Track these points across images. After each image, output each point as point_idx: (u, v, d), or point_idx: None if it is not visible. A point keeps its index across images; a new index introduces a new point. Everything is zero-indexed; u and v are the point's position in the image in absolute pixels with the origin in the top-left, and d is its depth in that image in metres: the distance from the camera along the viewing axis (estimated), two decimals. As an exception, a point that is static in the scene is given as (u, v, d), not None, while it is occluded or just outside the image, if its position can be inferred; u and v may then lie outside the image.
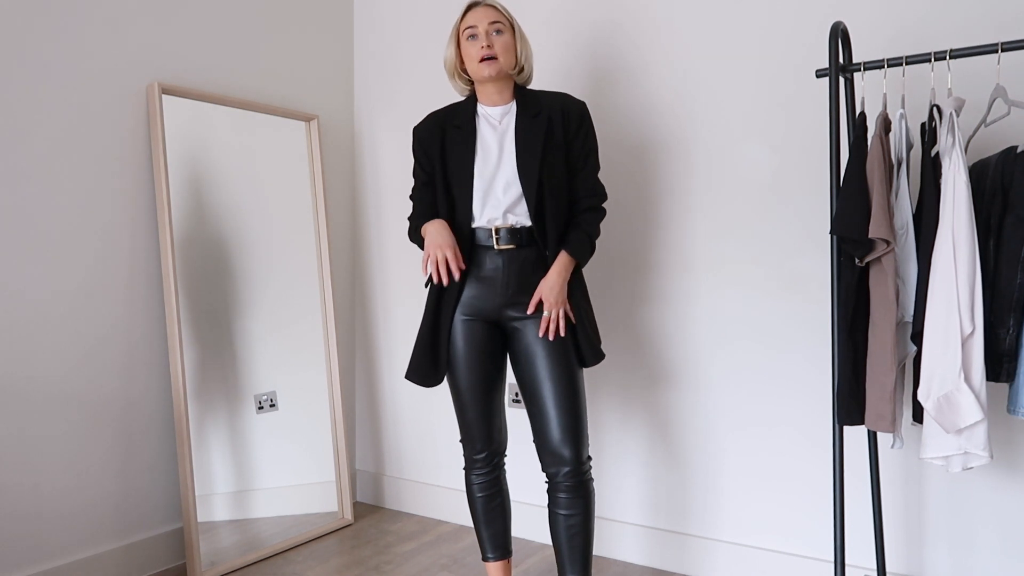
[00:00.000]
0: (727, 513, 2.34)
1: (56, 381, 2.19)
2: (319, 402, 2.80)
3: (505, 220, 1.87)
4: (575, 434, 1.84)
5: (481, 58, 1.87)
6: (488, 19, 1.89)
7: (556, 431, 1.84)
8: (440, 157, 1.94)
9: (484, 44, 1.87)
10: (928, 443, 1.60)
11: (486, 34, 1.88)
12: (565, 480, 1.85)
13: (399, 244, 2.99)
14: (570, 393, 1.85)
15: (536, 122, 1.89)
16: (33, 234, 2.15)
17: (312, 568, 2.47)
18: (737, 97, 2.27)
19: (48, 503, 2.17)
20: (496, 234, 1.86)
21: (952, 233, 1.54)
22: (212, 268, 2.53)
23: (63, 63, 2.20)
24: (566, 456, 1.84)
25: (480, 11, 1.91)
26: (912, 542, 2.08)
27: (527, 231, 1.88)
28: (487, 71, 1.87)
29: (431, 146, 1.95)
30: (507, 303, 1.89)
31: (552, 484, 1.88)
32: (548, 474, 1.88)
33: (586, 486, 1.87)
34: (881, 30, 2.05)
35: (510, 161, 1.88)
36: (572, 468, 1.84)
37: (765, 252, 2.24)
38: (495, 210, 1.87)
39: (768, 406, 2.26)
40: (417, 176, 2.02)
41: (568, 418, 1.84)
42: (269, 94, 2.77)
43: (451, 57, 1.95)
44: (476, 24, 1.89)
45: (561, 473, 1.85)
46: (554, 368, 1.85)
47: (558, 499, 1.87)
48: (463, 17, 1.93)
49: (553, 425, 1.84)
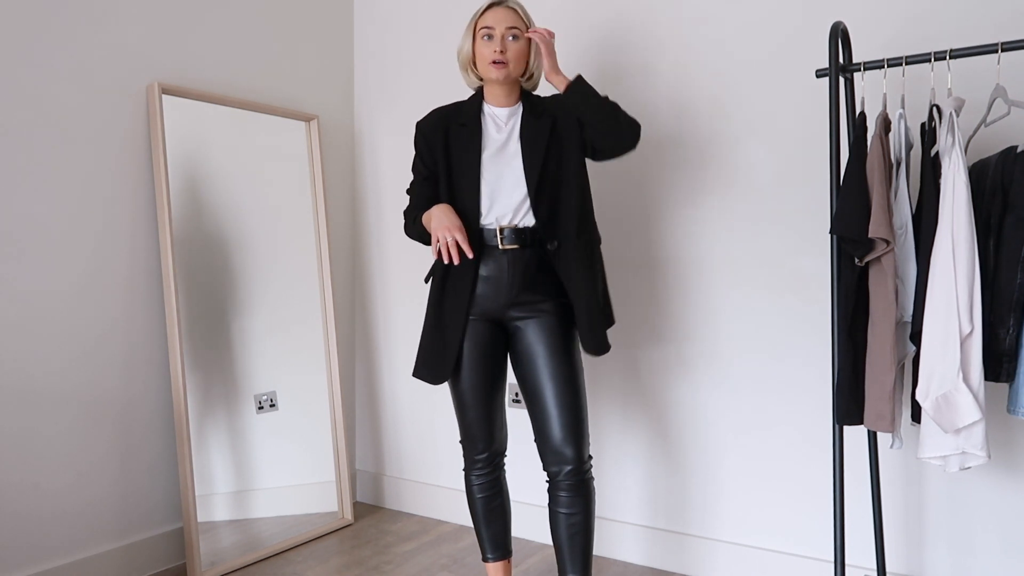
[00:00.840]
0: (727, 513, 2.34)
1: (56, 381, 2.19)
2: (319, 402, 2.81)
3: (511, 220, 1.87)
4: (576, 433, 1.85)
5: (492, 61, 1.87)
6: (507, 23, 1.88)
7: (558, 430, 1.84)
8: (444, 154, 1.93)
9: (498, 48, 1.87)
10: (926, 443, 1.60)
11: (502, 38, 1.88)
12: (566, 479, 1.85)
13: (399, 244, 2.99)
14: (571, 392, 1.85)
15: (540, 123, 1.90)
16: (33, 234, 2.15)
17: (312, 568, 2.47)
18: (737, 97, 2.27)
19: (48, 503, 2.18)
20: (501, 234, 1.86)
21: (952, 233, 1.54)
22: (212, 268, 2.53)
23: (63, 63, 2.20)
24: (568, 455, 1.84)
25: (500, 12, 1.90)
26: (912, 542, 2.07)
27: (531, 231, 1.88)
28: (495, 74, 1.88)
29: (435, 142, 1.94)
30: (511, 303, 1.89)
31: (553, 483, 1.88)
32: (549, 473, 1.88)
33: (587, 485, 1.87)
34: (881, 30, 2.05)
35: (516, 162, 1.89)
36: (574, 467, 1.85)
37: (765, 252, 2.24)
38: (501, 210, 1.87)
39: (768, 406, 2.26)
40: (417, 171, 2.00)
41: (569, 417, 1.84)
42: (269, 94, 2.77)
43: (466, 51, 1.95)
44: (494, 26, 1.88)
45: (563, 472, 1.85)
46: (555, 367, 1.85)
47: (559, 498, 1.87)
48: (483, 13, 1.91)
49: (555, 424, 1.84)
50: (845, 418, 1.70)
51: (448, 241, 1.79)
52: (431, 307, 1.95)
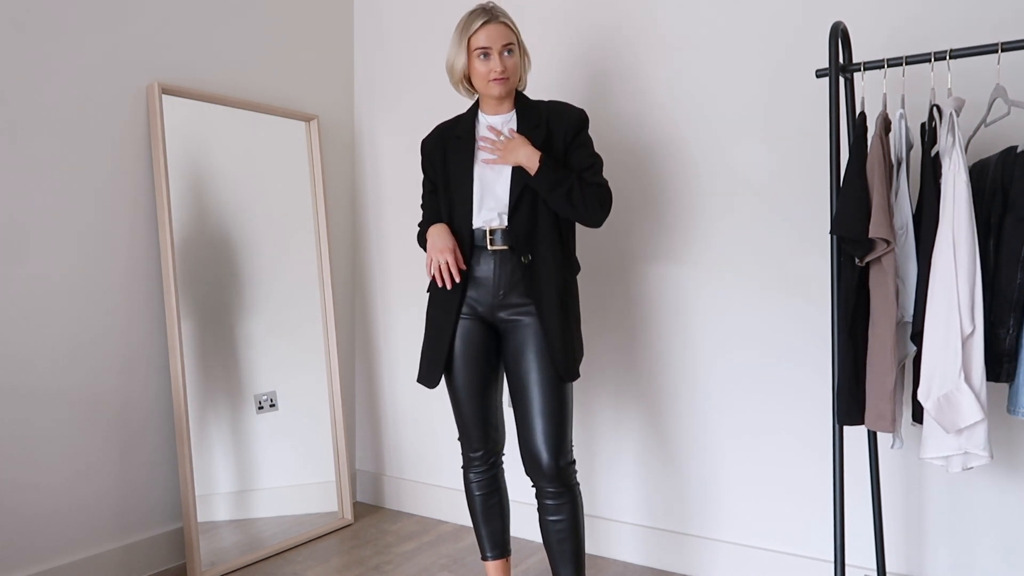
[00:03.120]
0: (727, 513, 2.34)
1: (56, 381, 2.19)
2: (319, 402, 2.80)
3: (501, 222, 1.90)
4: (555, 441, 1.85)
5: (493, 78, 1.89)
6: (502, 40, 1.88)
7: (536, 438, 1.86)
8: (443, 167, 2.00)
9: (498, 68, 1.88)
10: (928, 443, 1.60)
11: (499, 54, 1.88)
12: (548, 486, 1.87)
13: (399, 244, 2.99)
14: (554, 400, 1.86)
15: (535, 133, 1.92)
16: (34, 233, 2.15)
17: (312, 568, 2.47)
18: (737, 97, 2.27)
19: (48, 503, 2.17)
20: (491, 235, 1.90)
21: (952, 233, 1.54)
22: (212, 268, 2.53)
23: (63, 63, 2.20)
24: (544, 462, 1.85)
25: (493, 30, 1.88)
26: (912, 542, 2.07)
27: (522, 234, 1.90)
28: (497, 90, 1.91)
29: (435, 157, 2.03)
30: (499, 304, 1.92)
31: (537, 489, 1.91)
32: (530, 479, 1.90)
33: (571, 491, 1.88)
34: (881, 30, 2.05)
35: (506, 168, 1.92)
36: (551, 474, 1.86)
37: (765, 252, 2.24)
38: (491, 212, 1.91)
39: (768, 406, 2.26)
40: (425, 186, 2.09)
41: (549, 425, 1.85)
42: (269, 94, 2.77)
43: (459, 68, 1.93)
44: (490, 45, 1.88)
45: (541, 480, 1.87)
46: (540, 374, 1.86)
47: (545, 505, 1.90)
48: (475, 32, 1.88)
49: (533, 432, 1.86)
50: (845, 418, 1.70)
51: (440, 264, 1.89)
52: (428, 310, 2.01)
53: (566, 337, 1.88)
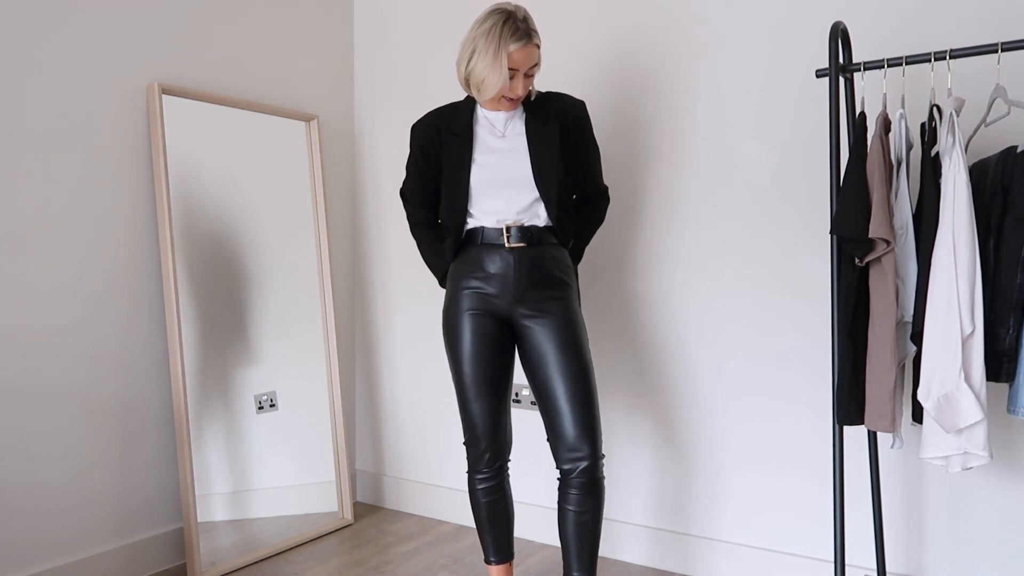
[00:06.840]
0: (728, 513, 2.34)
1: (56, 381, 2.19)
2: (319, 402, 2.80)
3: (517, 219, 1.91)
4: (591, 429, 1.86)
5: (509, 99, 1.89)
6: (530, 62, 1.86)
7: (572, 427, 1.85)
8: (436, 160, 2.00)
9: (520, 91, 1.87)
10: (928, 443, 1.60)
11: (524, 76, 1.87)
12: (580, 476, 1.86)
13: (399, 243, 2.99)
14: (584, 389, 1.87)
15: (548, 129, 1.93)
16: (34, 233, 2.15)
17: (312, 568, 2.47)
18: (737, 97, 2.27)
19: (48, 503, 2.17)
20: (507, 232, 1.90)
21: (952, 233, 1.54)
22: (212, 267, 2.53)
23: (63, 63, 2.20)
24: (584, 452, 1.85)
25: (527, 52, 1.84)
26: (912, 542, 2.08)
27: (538, 231, 1.92)
28: (507, 107, 1.94)
29: (427, 147, 2.01)
30: (518, 300, 1.91)
31: (565, 480, 1.89)
32: (563, 470, 1.89)
33: (599, 484, 1.88)
34: (881, 30, 2.05)
35: (523, 165, 1.92)
36: (589, 463, 1.85)
37: (765, 252, 2.24)
38: (507, 210, 1.91)
39: (768, 406, 2.26)
40: (410, 172, 2.08)
41: (583, 413, 1.85)
42: (269, 94, 2.77)
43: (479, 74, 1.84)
44: (519, 68, 1.85)
45: (578, 469, 1.86)
46: (566, 365, 1.87)
47: (569, 496, 1.88)
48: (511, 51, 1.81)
49: (568, 421, 1.85)
50: (845, 418, 1.70)
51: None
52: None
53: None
